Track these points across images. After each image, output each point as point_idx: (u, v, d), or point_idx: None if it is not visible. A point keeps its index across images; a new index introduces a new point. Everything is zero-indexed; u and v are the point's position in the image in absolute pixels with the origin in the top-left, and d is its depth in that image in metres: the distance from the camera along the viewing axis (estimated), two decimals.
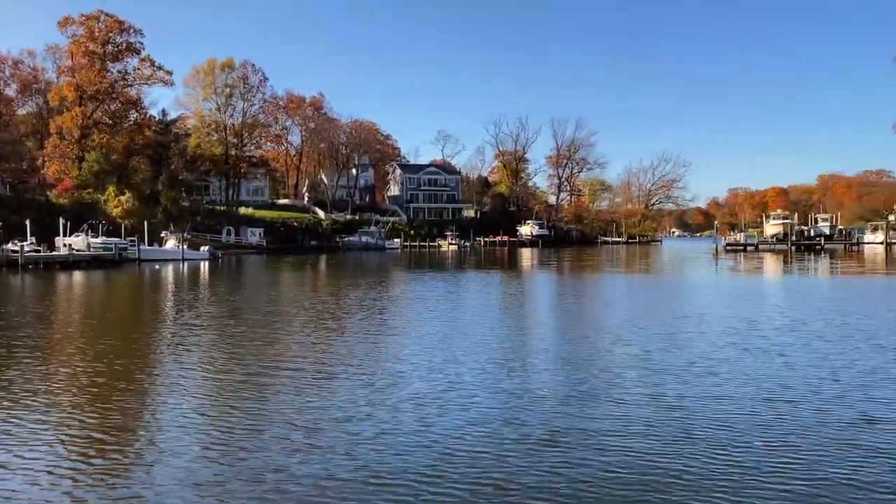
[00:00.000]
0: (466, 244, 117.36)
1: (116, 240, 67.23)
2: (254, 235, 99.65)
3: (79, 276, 46.73)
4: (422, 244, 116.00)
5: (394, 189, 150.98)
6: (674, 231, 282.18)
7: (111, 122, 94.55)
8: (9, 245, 56.94)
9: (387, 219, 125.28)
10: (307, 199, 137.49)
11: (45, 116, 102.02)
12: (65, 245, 62.32)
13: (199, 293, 34.19)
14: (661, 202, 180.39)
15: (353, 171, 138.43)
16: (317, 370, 14.06)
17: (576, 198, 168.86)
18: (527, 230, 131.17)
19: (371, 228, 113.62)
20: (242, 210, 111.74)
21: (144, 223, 74.80)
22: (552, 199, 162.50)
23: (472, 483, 7.83)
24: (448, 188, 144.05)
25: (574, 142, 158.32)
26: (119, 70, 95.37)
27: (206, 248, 76.48)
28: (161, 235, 77.98)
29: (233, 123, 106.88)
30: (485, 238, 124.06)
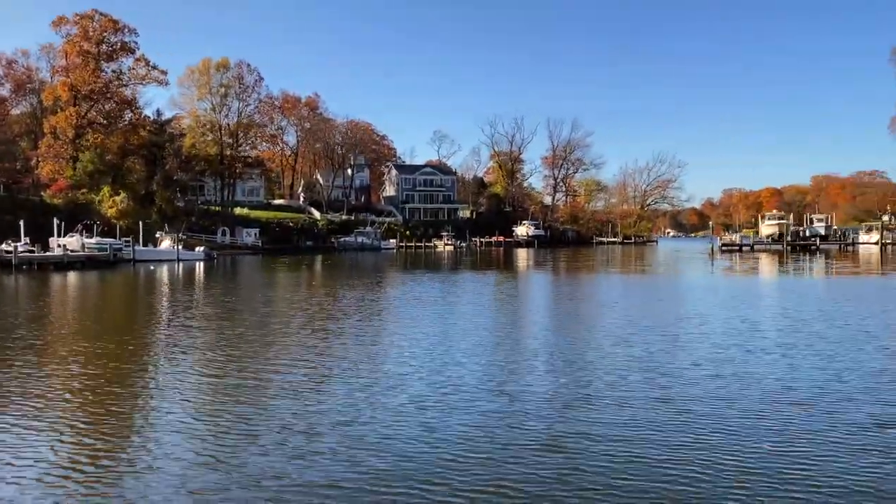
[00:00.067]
0: (462, 245, 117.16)
1: (111, 240, 66.85)
2: (249, 236, 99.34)
3: (73, 277, 46.38)
4: (417, 245, 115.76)
5: (389, 189, 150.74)
6: (668, 231, 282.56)
7: (106, 122, 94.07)
8: (2, 245, 56.51)
9: (382, 219, 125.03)
10: (303, 200, 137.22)
11: (39, 116, 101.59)
12: (59, 245, 61.91)
13: (195, 294, 33.91)
14: (657, 203, 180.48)
15: (349, 172, 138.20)
16: (315, 372, 13.82)
17: (571, 198, 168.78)
18: (523, 231, 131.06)
19: (367, 229, 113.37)
20: (238, 210, 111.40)
21: (139, 223, 74.44)
22: (548, 200, 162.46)
23: (477, 490, 7.61)
24: (444, 189, 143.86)
25: (570, 142, 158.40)
26: (113, 70, 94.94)
27: (202, 249, 76.16)
28: (156, 236, 77.65)
29: (228, 123, 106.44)
30: (481, 238, 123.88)
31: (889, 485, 7.61)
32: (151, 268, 58.10)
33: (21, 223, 62.38)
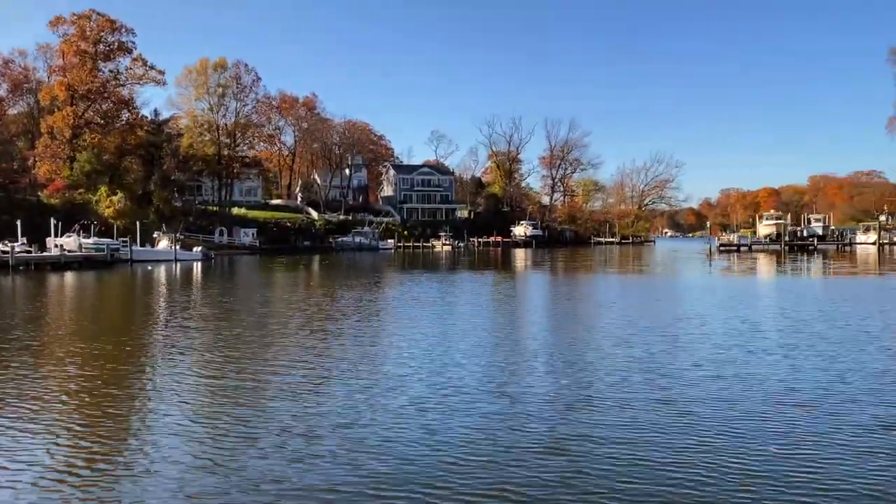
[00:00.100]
0: (460, 245, 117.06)
1: (108, 240, 66.67)
2: (247, 236, 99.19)
3: (70, 278, 46.22)
4: (415, 245, 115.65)
5: (387, 189, 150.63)
6: (666, 231, 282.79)
7: (103, 122, 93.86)
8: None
9: (380, 219, 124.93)
10: (300, 200, 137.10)
11: (36, 116, 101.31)
12: (56, 246, 61.68)
13: (192, 294, 33.77)
14: (654, 203, 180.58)
15: (347, 172, 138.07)
16: (314, 374, 13.71)
17: (569, 198, 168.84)
18: (520, 231, 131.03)
19: (364, 229, 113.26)
20: (235, 210, 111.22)
21: (136, 224, 74.28)
22: (545, 200, 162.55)
23: (480, 493, 7.50)
24: (441, 189, 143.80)
25: (567, 142, 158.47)
26: (111, 69, 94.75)
27: (199, 249, 76.00)
28: (153, 236, 77.47)
29: (225, 123, 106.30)
30: (478, 238, 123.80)
31: None
32: (149, 268, 57.94)
33: (18, 223, 62.17)
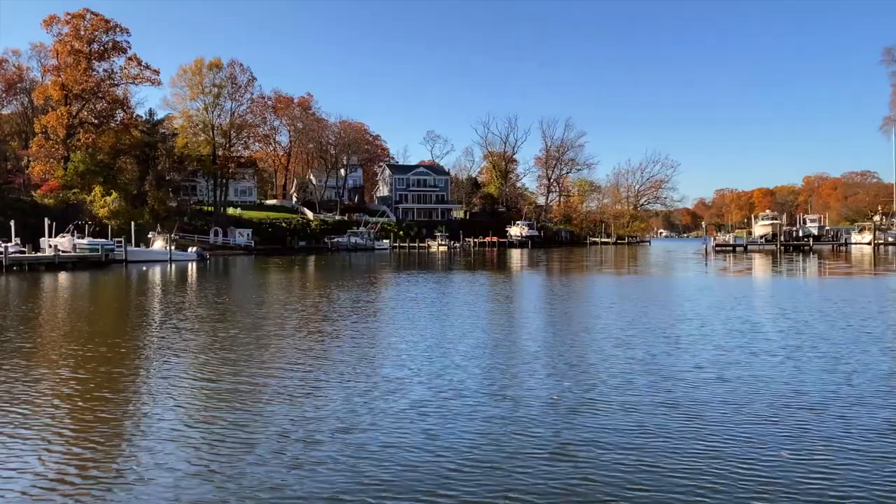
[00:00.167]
0: (456, 245, 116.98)
1: (103, 241, 66.36)
2: (242, 236, 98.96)
3: (64, 278, 45.88)
4: (411, 245, 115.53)
5: (383, 190, 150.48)
6: (661, 232, 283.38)
7: (97, 122, 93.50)
8: None
9: (376, 219, 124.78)
10: (295, 200, 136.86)
11: (30, 116, 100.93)
12: (50, 246, 61.41)
13: (187, 295, 33.48)
14: (650, 203, 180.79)
15: (342, 172, 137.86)
16: (312, 377, 13.47)
17: (565, 198, 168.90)
18: (516, 231, 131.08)
19: (360, 229, 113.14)
20: (230, 211, 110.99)
21: (131, 224, 73.98)
22: (541, 200, 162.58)
23: (484, 501, 7.28)
24: (437, 189, 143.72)
25: (563, 143, 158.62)
26: (105, 69, 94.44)
27: (194, 249, 75.74)
28: (148, 236, 77.18)
29: (220, 123, 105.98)
30: (474, 239, 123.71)
31: None
32: (143, 268, 57.63)
33: (12, 223, 61.86)
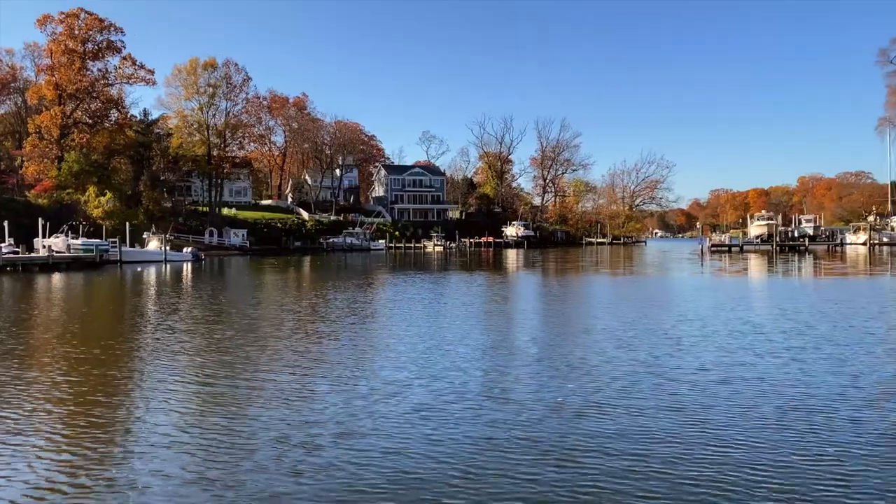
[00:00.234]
0: (452, 245, 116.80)
1: (97, 241, 65.99)
2: (237, 237, 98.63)
3: (58, 279, 45.54)
4: (407, 245, 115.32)
5: (378, 190, 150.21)
6: (656, 232, 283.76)
7: (91, 122, 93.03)
8: None
9: (371, 220, 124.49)
10: (290, 200, 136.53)
11: (24, 116, 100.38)
12: (44, 246, 60.99)
13: (183, 296, 33.19)
14: (645, 203, 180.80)
15: (337, 172, 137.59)
16: (310, 380, 13.23)
17: (560, 199, 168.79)
18: (512, 231, 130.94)
19: (356, 229, 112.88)
20: (225, 211, 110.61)
21: (126, 224, 73.59)
22: (537, 201, 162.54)
23: None
24: (433, 189, 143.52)
25: (559, 143, 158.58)
26: (99, 69, 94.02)
27: (189, 250, 75.41)
28: (143, 237, 76.80)
29: (215, 123, 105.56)
30: (470, 239, 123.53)
31: None
32: (138, 269, 57.29)
33: (5, 224, 61.45)
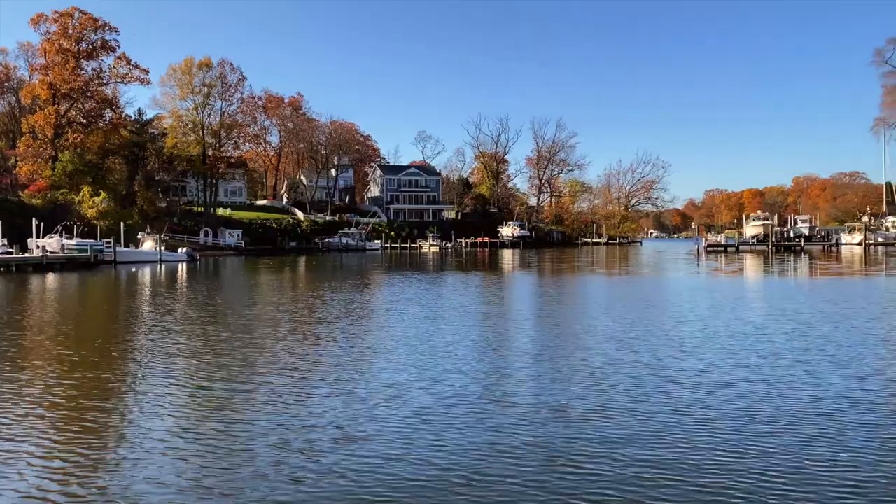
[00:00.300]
0: (448, 245, 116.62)
1: (92, 241, 65.61)
2: (232, 237, 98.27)
3: (52, 279, 45.20)
4: (403, 245, 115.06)
5: (374, 190, 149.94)
6: (651, 232, 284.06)
7: (86, 122, 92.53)
8: None
9: (367, 220, 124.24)
10: (286, 200, 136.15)
11: (18, 115, 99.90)
12: (38, 247, 60.65)
13: (178, 297, 32.92)
14: (641, 203, 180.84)
15: (333, 172, 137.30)
16: (309, 382, 13.00)
17: (556, 199, 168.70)
18: (508, 231, 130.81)
19: (351, 230, 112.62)
20: (220, 211, 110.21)
21: (120, 224, 73.19)
22: (533, 201, 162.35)
23: None
24: (428, 189, 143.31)
25: (554, 143, 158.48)
26: (94, 68, 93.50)
27: (184, 250, 75.04)
28: (138, 237, 76.41)
29: (210, 123, 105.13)
30: (466, 239, 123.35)
31: None
32: (133, 269, 56.95)
33: None
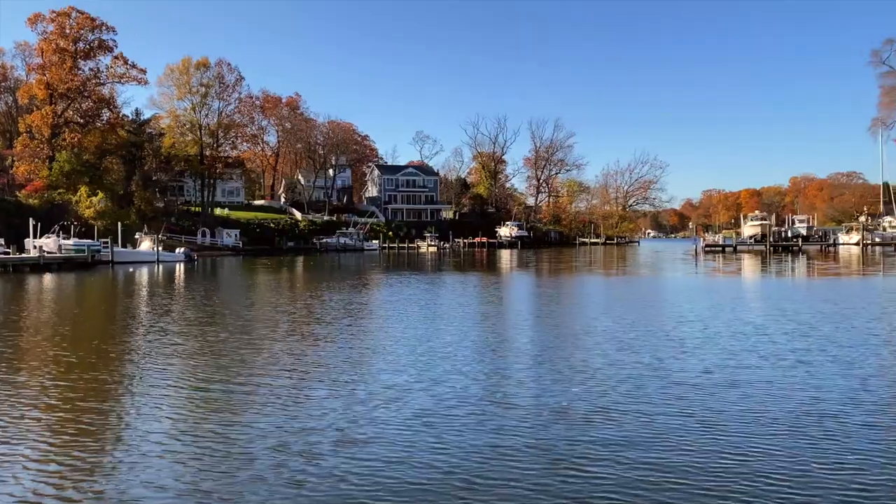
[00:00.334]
0: (446, 245, 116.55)
1: (89, 241, 65.40)
2: (229, 237, 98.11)
3: (49, 280, 45.04)
4: (401, 245, 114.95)
5: (372, 190, 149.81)
6: (649, 232, 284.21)
7: (83, 122, 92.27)
8: None
9: (365, 220, 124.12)
10: (283, 200, 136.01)
11: (15, 115, 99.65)
12: (35, 247, 60.45)
13: (175, 297, 32.79)
14: (639, 203, 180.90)
15: (330, 172, 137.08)
16: (308, 384, 12.90)
17: (554, 199, 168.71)
18: (505, 231, 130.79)
19: (349, 230, 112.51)
20: (218, 211, 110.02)
21: (118, 224, 73.00)
22: (530, 201, 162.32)
23: None
24: (426, 189, 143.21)
25: (552, 143, 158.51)
26: (91, 68, 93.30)
27: (182, 250, 74.87)
28: (135, 237, 76.22)
29: (208, 123, 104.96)
30: (464, 239, 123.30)
31: None
32: (130, 269, 56.79)
33: None
